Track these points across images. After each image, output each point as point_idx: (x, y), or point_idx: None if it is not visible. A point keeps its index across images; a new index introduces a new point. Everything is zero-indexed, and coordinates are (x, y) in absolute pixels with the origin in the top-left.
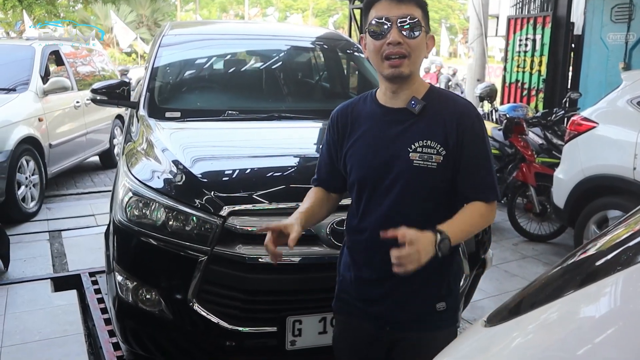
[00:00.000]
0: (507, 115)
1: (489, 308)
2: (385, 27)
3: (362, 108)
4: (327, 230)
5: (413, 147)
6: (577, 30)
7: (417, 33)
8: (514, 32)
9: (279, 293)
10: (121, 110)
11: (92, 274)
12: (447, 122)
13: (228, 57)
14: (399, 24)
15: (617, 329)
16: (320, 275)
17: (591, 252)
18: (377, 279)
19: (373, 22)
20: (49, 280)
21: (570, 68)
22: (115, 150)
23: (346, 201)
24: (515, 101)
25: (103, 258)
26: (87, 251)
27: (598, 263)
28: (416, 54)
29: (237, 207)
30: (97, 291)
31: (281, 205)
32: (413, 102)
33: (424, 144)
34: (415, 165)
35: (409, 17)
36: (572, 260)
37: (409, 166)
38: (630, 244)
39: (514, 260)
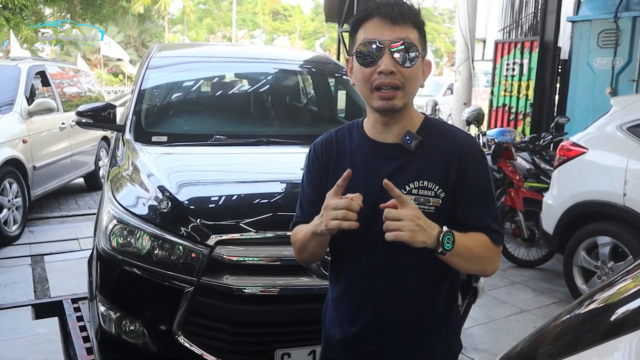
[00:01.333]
0: (496, 140)
1: (479, 335)
2: (376, 52)
3: (348, 141)
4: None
5: (407, 188)
6: (564, 55)
7: (413, 61)
8: (502, 56)
9: (267, 325)
10: (107, 132)
11: (74, 301)
12: (446, 160)
13: (216, 80)
14: (392, 50)
15: None
16: (309, 306)
17: (609, 297)
18: (367, 336)
19: (362, 45)
20: (30, 307)
21: (557, 92)
22: (101, 172)
23: None
24: (502, 125)
25: (86, 284)
26: (70, 276)
27: (622, 313)
28: (411, 84)
29: (224, 237)
30: (80, 318)
31: (269, 235)
32: (408, 137)
33: (420, 185)
34: None
35: (404, 41)
36: (591, 307)
37: None
38: None
39: (502, 286)
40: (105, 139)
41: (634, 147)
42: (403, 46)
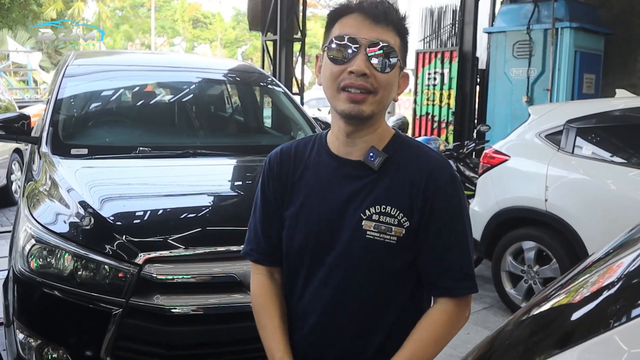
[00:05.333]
0: None
1: None
2: (350, 50)
3: (308, 155)
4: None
5: (368, 213)
6: (482, 65)
7: (391, 67)
8: (423, 66)
9: (203, 346)
10: (21, 144)
11: None
12: (413, 184)
13: (138, 89)
14: (368, 50)
15: None
16: (245, 324)
17: (552, 305)
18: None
19: (335, 40)
20: None
21: (478, 101)
22: (14, 187)
23: None
24: (426, 134)
25: (1, 308)
26: None
27: (572, 320)
28: (385, 92)
29: (153, 254)
30: None
31: (199, 251)
32: (372, 154)
33: (382, 211)
34: (369, 237)
35: (383, 43)
36: (535, 317)
37: (360, 238)
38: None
39: None
40: (17, 151)
41: (553, 154)
42: (381, 50)
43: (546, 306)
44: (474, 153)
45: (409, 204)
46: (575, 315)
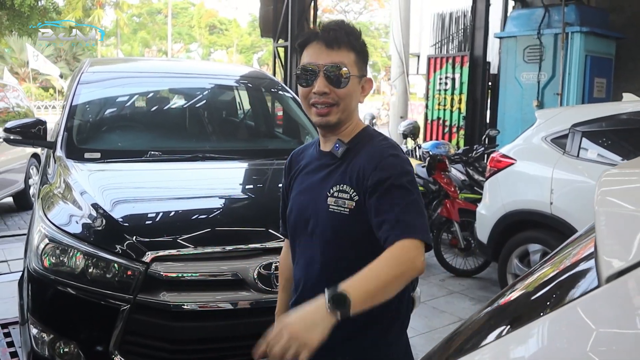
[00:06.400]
0: (430, 153)
1: (420, 346)
2: (312, 75)
3: (309, 151)
4: (254, 274)
5: (331, 191)
6: (494, 70)
7: (345, 83)
8: (434, 71)
9: (206, 341)
10: (37, 149)
11: (4, 326)
12: (361, 165)
13: (150, 95)
14: (325, 73)
15: None
16: (248, 320)
17: (517, 294)
18: None
19: (301, 68)
20: None
21: (488, 106)
22: (31, 191)
23: (273, 244)
24: (437, 138)
25: (16, 308)
26: None
27: (525, 306)
28: (346, 101)
29: (160, 253)
30: (10, 344)
31: (207, 250)
32: (337, 145)
33: (340, 189)
34: (330, 210)
35: (336, 66)
36: (500, 303)
37: (326, 211)
38: (553, 285)
39: (441, 296)
40: (35, 156)
41: (558, 157)
42: (335, 70)
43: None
44: (484, 157)
45: (356, 181)
46: (530, 300)
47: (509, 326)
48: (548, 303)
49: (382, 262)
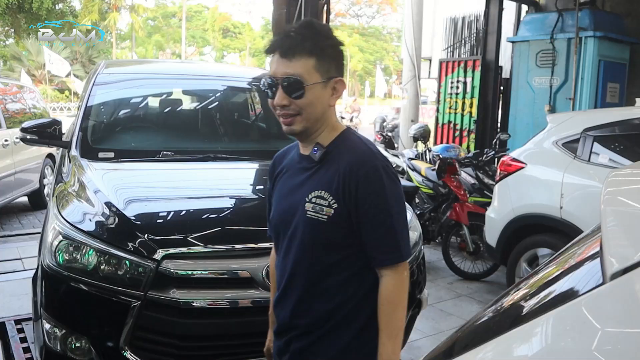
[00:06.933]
0: (440, 156)
1: (426, 348)
2: (272, 87)
3: (290, 154)
4: (263, 272)
5: (309, 197)
6: (506, 74)
7: (300, 94)
8: (446, 75)
9: (215, 338)
10: (52, 149)
11: (17, 322)
12: (340, 173)
13: (163, 97)
14: (282, 85)
15: None
16: (257, 318)
17: (522, 293)
18: (281, 332)
19: (263, 80)
20: None
21: (500, 110)
22: (46, 191)
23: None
24: (447, 142)
25: (30, 304)
26: (13, 297)
27: (529, 304)
28: (309, 109)
29: (171, 251)
30: (23, 340)
31: (217, 248)
32: (315, 148)
33: (318, 195)
34: (308, 216)
35: (292, 77)
36: (504, 302)
37: (303, 217)
38: (557, 284)
39: (449, 299)
40: (50, 156)
41: (569, 162)
42: (292, 82)
43: (515, 294)
44: (494, 161)
45: (335, 189)
46: (534, 299)
47: (512, 324)
48: (552, 301)
49: (385, 315)
